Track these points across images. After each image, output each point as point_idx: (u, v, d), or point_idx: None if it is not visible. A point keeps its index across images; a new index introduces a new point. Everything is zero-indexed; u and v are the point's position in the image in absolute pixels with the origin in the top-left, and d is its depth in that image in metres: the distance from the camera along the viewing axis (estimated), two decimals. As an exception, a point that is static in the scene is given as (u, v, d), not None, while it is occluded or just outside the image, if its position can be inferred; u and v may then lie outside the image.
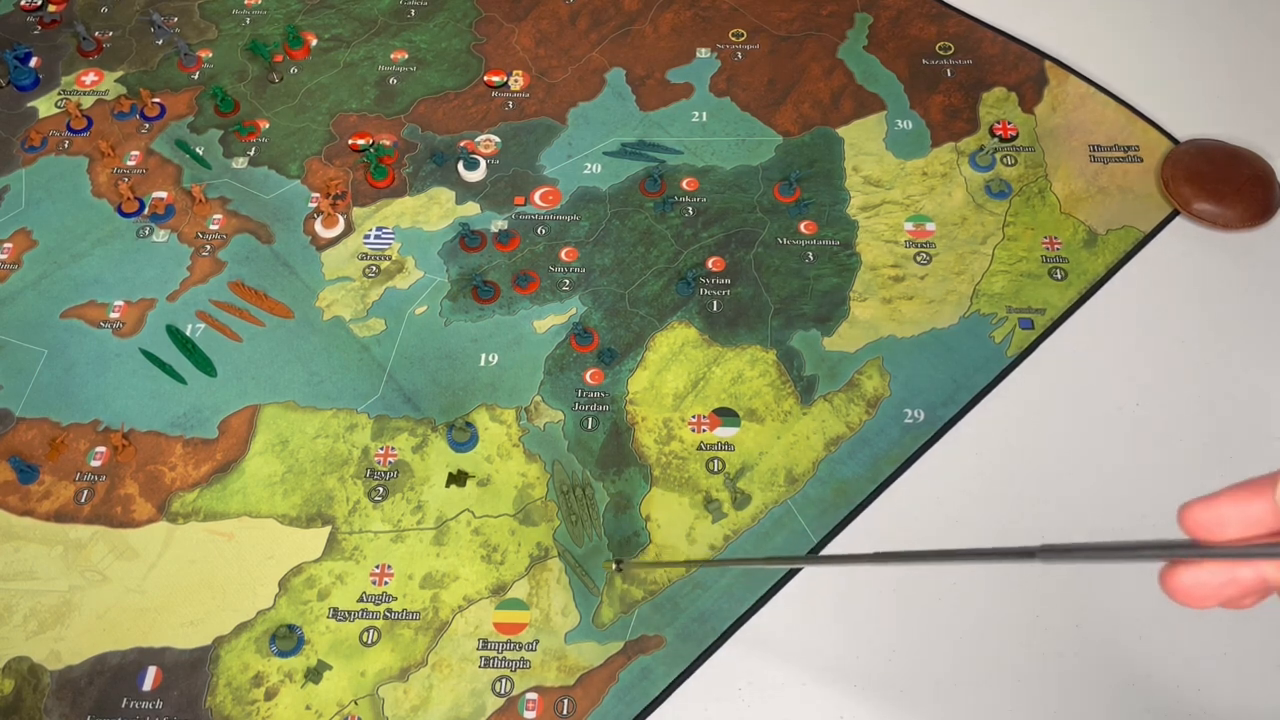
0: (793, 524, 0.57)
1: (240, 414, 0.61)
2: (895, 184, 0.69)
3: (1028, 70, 0.75)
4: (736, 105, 0.74)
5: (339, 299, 0.65)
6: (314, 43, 0.79)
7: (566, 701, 0.52)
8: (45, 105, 0.75)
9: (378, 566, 0.56)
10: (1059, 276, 0.65)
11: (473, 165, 0.70)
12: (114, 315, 0.65)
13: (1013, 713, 0.51)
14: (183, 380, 0.62)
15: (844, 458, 0.59)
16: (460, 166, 0.70)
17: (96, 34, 0.79)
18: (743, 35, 0.78)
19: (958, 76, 0.75)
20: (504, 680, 0.52)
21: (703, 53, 0.77)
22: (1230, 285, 0.64)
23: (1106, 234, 0.67)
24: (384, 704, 0.52)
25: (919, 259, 0.66)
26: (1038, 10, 0.79)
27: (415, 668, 0.53)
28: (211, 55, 0.78)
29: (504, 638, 0.54)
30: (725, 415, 0.60)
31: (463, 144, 0.72)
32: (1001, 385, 0.61)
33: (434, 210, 0.69)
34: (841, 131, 0.72)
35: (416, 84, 0.76)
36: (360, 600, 0.55)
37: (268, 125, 0.74)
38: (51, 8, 0.82)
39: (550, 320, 0.64)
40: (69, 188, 0.71)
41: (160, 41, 0.79)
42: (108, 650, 0.53)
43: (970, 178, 0.69)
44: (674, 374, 0.62)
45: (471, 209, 0.69)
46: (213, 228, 0.69)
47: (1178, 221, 0.67)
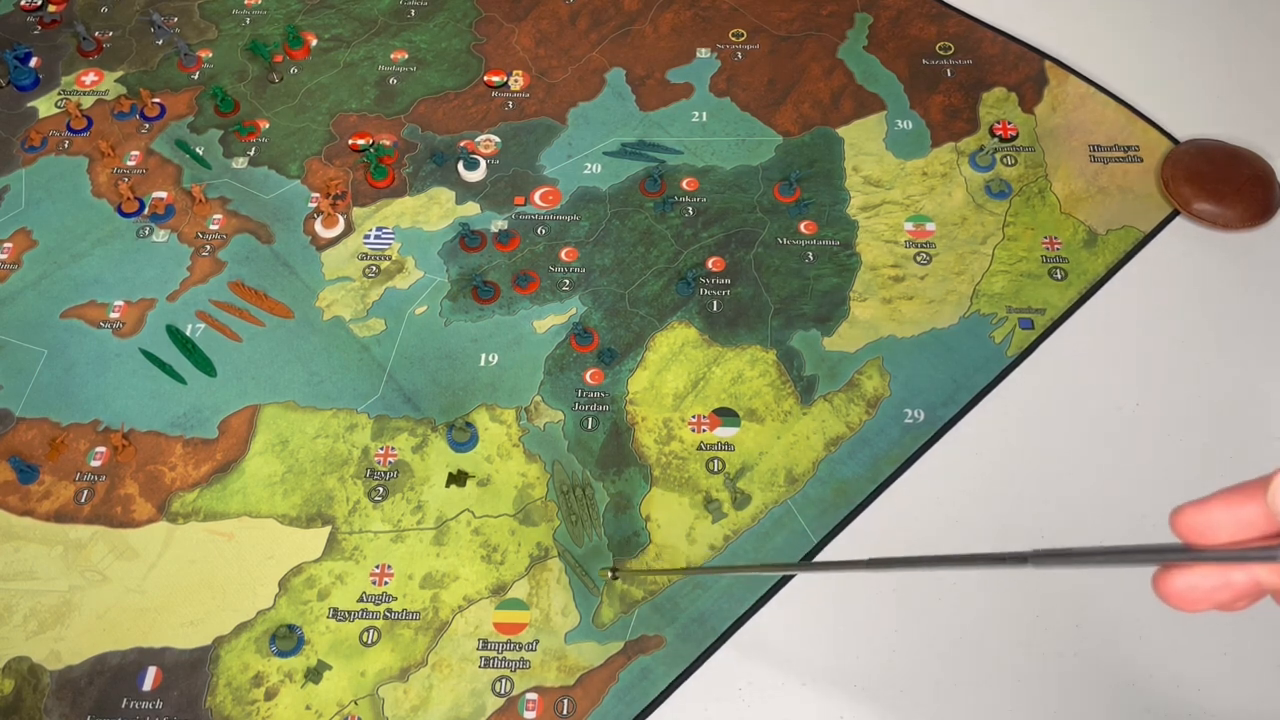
0: (793, 524, 0.57)
1: (240, 414, 0.61)
2: (895, 184, 0.69)
3: (1028, 70, 0.75)
4: (736, 105, 0.74)
5: (339, 299, 0.65)
6: (314, 43, 0.79)
7: (566, 701, 0.52)
8: (45, 105, 0.75)
9: (378, 566, 0.56)
10: (1059, 276, 0.65)
11: (473, 165, 0.70)
12: (114, 315, 0.65)
13: (1013, 713, 0.51)
14: (183, 380, 0.62)
15: (844, 458, 0.59)
16: (460, 166, 0.70)
17: (96, 34, 0.79)
18: (743, 35, 0.78)
19: (958, 76, 0.75)
20: (504, 680, 0.52)
21: (703, 53, 0.77)
22: (1230, 285, 0.64)
23: (1106, 234, 0.67)
24: (384, 704, 0.52)
25: (919, 259, 0.66)
26: (1038, 10, 0.79)
27: (415, 668, 0.53)
28: (211, 55, 0.78)
29: (504, 638, 0.54)
30: (725, 415, 0.60)
31: (463, 144, 0.72)
32: (1001, 385, 0.61)
33: (434, 210, 0.69)
34: (841, 131, 0.72)
35: (416, 84, 0.76)
36: (360, 600, 0.55)
37: (268, 125, 0.74)
38: (51, 8, 0.82)
39: (550, 320, 0.64)
40: (69, 188, 0.71)
41: (160, 41, 0.79)
42: (108, 650, 0.53)
43: (970, 178, 0.69)
44: (674, 374, 0.62)
45: (471, 209, 0.69)
46: (213, 228, 0.69)
47: (1178, 221, 0.67)
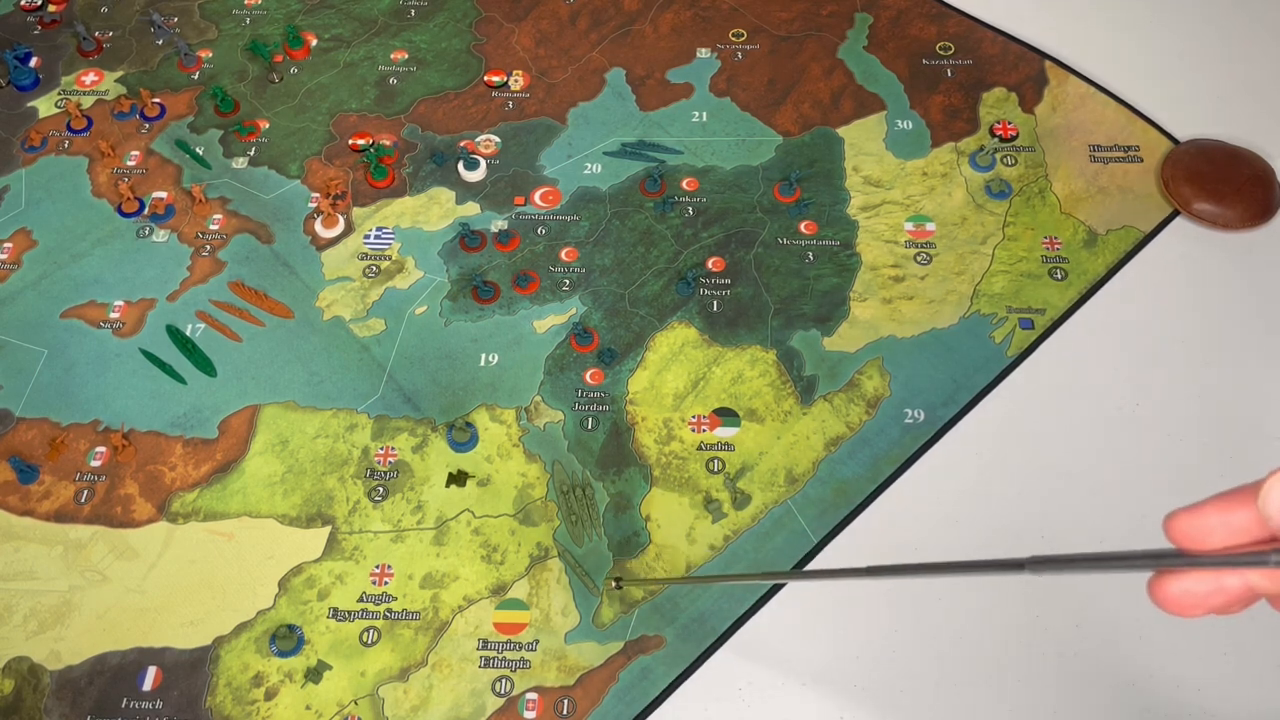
0: (793, 524, 0.57)
1: (240, 414, 0.61)
2: (895, 184, 0.69)
3: (1028, 70, 0.75)
4: (736, 105, 0.74)
5: (339, 299, 0.65)
6: (314, 43, 0.79)
7: (566, 701, 0.52)
8: (45, 105, 0.75)
9: (378, 566, 0.56)
10: (1059, 276, 0.65)
11: (473, 165, 0.70)
12: (114, 315, 0.65)
13: (1012, 713, 0.51)
14: (183, 380, 0.62)
15: (844, 458, 0.59)
16: (460, 166, 0.70)
17: (96, 34, 0.79)
18: (743, 35, 0.78)
19: (958, 76, 0.75)
20: (504, 680, 0.52)
21: (703, 53, 0.77)
22: (1230, 285, 0.64)
23: (1106, 234, 0.67)
24: (384, 704, 0.52)
25: (919, 259, 0.66)
26: (1038, 10, 0.79)
27: (415, 668, 0.53)
28: (211, 55, 0.78)
29: (504, 638, 0.54)
30: (725, 415, 0.60)
31: (463, 144, 0.72)
32: (1001, 385, 0.61)
33: (434, 210, 0.69)
34: (841, 131, 0.72)
35: (416, 84, 0.76)
36: (360, 600, 0.55)
37: (268, 125, 0.74)
38: (51, 8, 0.82)
39: (550, 320, 0.64)
40: (69, 188, 0.71)
41: (160, 41, 0.79)
42: (108, 650, 0.53)
43: (970, 178, 0.69)
44: (674, 374, 0.62)
45: (471, 209, 0.69)
46: (213, 228, 0.69)
47: (1178, 221, 0.67)
